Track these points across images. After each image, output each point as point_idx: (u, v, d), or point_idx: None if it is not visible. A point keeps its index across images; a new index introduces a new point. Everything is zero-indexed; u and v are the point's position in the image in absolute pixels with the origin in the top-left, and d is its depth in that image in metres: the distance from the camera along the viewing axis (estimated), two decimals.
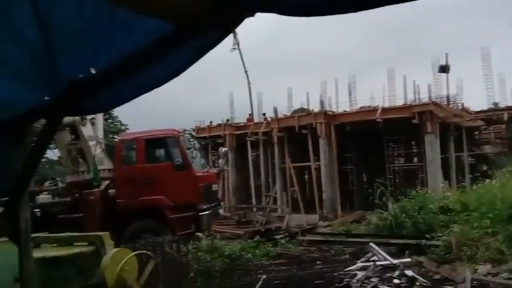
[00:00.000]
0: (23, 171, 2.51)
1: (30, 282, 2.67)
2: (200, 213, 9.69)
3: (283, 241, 9.95)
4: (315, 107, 20.43)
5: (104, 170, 10.60)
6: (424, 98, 19.86)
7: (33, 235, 4.76)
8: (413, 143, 21.24)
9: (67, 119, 9.18)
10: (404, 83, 22.78)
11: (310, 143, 18.16)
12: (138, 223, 9.34)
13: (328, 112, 18.88)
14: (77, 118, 9.50)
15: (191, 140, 10.13)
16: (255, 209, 19.62)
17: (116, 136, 29.51)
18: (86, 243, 4.43)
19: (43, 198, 10.36)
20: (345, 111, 20.58)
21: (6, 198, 2.65)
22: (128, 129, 33.00)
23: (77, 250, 4.23)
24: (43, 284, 3.71)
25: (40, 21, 1.42)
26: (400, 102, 20.72)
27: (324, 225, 14.97)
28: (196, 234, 9.40)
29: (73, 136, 10.46)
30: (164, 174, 9.58)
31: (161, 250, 5.91)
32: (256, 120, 22.80)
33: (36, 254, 4.24)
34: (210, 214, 10.20)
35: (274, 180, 19.97)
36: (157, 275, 4.39)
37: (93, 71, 1.64)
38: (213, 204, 10.74)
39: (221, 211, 11.85)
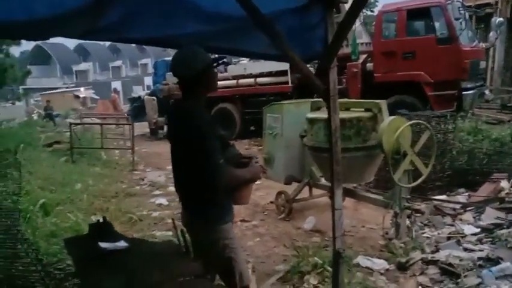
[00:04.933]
0: (335, 36, 2.78)
1: (336, 134, 3.15)
2: (463, 92, 8.94)
3: None
4: None
5: (362, 43, 10.74)
6: None
7: (316, 100, 5.48)
8: None
9: None
10: None
11: None
12: (394, 97, 9.33)
13: None
14: None
15: (461, 8, 8.87)
16: None
17: (364, 10, 28.79)
18: (362, 109, 4.80)
19: None
20: None
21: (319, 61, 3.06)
22: (377, 1, 31.60)
23: (356, 114, 4.64)
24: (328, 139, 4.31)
25: None
26: None
27: None
28: (457, 114, 8.81)
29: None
30: (426, 48, 8.97)
31: (428, 123, 5.84)
32: None
33: (322, 115, 4.90)
34: (475, 94, 9.28)
35: None
36: (432, 145, 4.45)
37: None
38: (478, 84, 9.67)
39: (487, 92, 10.56)
